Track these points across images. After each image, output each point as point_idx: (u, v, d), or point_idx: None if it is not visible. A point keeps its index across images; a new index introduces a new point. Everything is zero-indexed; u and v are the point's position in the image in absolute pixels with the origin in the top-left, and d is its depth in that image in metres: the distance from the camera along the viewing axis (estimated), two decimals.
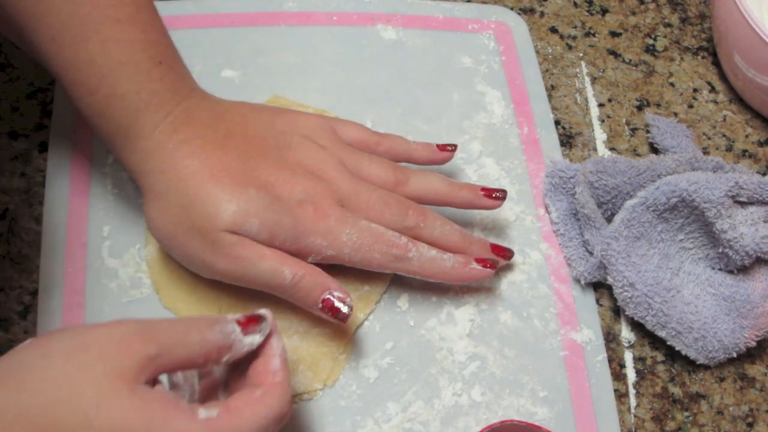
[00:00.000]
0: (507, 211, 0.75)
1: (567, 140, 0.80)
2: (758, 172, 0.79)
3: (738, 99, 0.86)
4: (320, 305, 0.61)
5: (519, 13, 0.87)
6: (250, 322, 0.52)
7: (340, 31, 0.82)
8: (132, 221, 0.68)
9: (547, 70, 0.84)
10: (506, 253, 0.69)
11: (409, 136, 0.76)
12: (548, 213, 0.75)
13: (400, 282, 0.69)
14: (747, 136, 0.84)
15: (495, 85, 0.81)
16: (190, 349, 0.48)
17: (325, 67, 0.79)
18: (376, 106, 0.78)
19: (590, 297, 0.72)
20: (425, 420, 0.65)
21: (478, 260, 0.66)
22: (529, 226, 0.74)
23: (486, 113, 0.80)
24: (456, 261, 0.65)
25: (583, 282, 0.72)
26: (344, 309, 0.60)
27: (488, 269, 0.66)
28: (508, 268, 0.72)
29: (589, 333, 0.70)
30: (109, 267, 0.67)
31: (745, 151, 0.83)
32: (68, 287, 0.65)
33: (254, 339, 0.52)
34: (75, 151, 0.71)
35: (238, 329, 0.51)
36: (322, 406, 0.64)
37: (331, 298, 0.60)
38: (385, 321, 0.68)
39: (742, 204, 0.71)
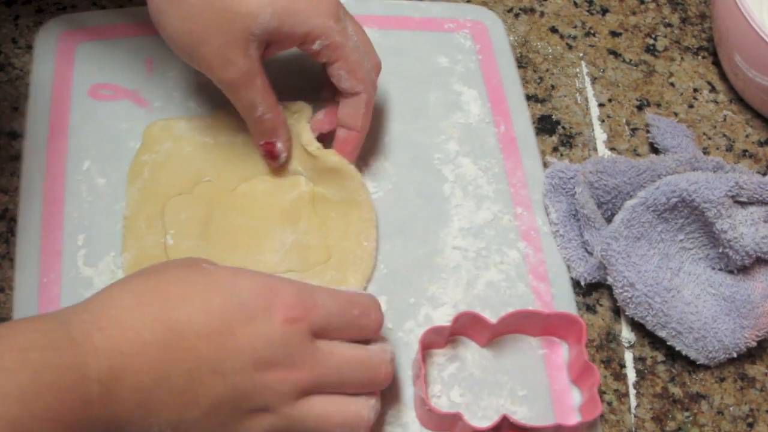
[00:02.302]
0: (484, 210, 0.74)
1: (567, 140, 0.80)
2: (758, 172, 0.78)
3: (738, 99, 0.86)
4: (262, 145, 0.69)
5: (518, 13, 0.88)
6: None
7: None
8: (107, 229, 0.68)
9: (547, 70, 0.84)
10: None
11: (386, 137, 0.77)
12: (547, 214, 0.75)
13: (377, 284, 0.70)
14: (747, 136, 0.84)
15: (471, 84, 0.81)
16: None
17: (300, 70, 0.79)
18: None
19: (569, 295, 0.72)
20: (405, 422, 0.65)
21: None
22: (506, 225, 0.74)
23: (463, 113, 0.80)
24: None
25: (583, 283, 0.72)
26: (281, 159, 0.70)
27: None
28: (486, 268, 0.72)
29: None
30: (84, 276, 0.66)
31: (745, 151, 0.83)
32: (43, 297, 0.65)
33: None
34: (49, 160, 0.71)
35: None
36: None
37: (276, 146, 0.69)
38: None
39: (742, 204, 0.71)
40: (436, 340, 0.67)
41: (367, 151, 0.76)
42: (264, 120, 0.68)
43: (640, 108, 0.83)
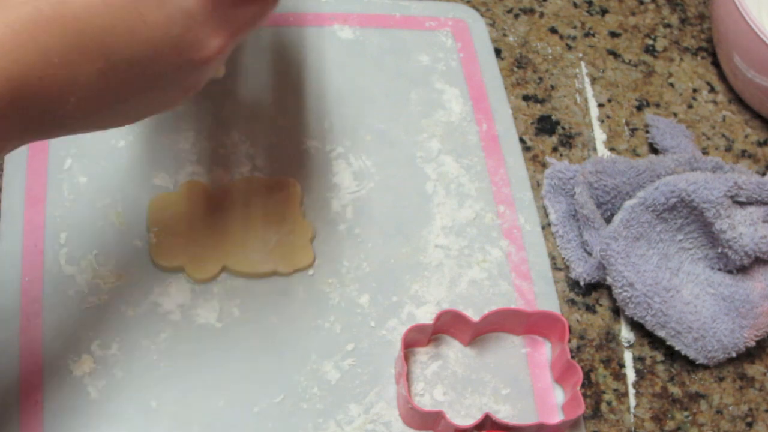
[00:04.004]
0: (467, 208, 0.74)
1: (567, 140, 0.80)
2: (757, 173, 0.79)
3: (737, 99, 0.86)
4: None
5: (518, 14, 0.88)
6: None
7: (296, 31, 0.81)
8: (89, 227, 0.68)
9: (546, 70, 0.84)
10: None
11: (368, 136, 0.77)
12: (547, 214, 0.75)
13: (360, 283, 0.70)
14: (746, 137, 0.84)
15: (453, 82, 0.81)
16: None
17: (281, 69, 0.79)
18: (334, 106, 0.78)
19: (552, 293, 0.72)
20: (388, 421, 0.65)
21: None
22: (488, 224, 0.74)
23: (444, 111, 0.80)
24: None
25: (582, 283, 0.72)
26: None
27: None
28: (469, 266, 0.72)
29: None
30: (66, 274, 0.66)
31: (744, 151, 0.83)
32: (25, 296, 0.65)
33: None
34: (30, 158, 0.71)
35: None
36: (284, 409, 0.64)
37: None
38: (345, 322, 0.68)
39: (741, 204, 0.71)
40: (419, 338, 0.67)
41: (349, 149, 0.76)
42: None
43: (639, 108, 0.84)
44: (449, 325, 0.68)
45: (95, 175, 0.71)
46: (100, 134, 0.72)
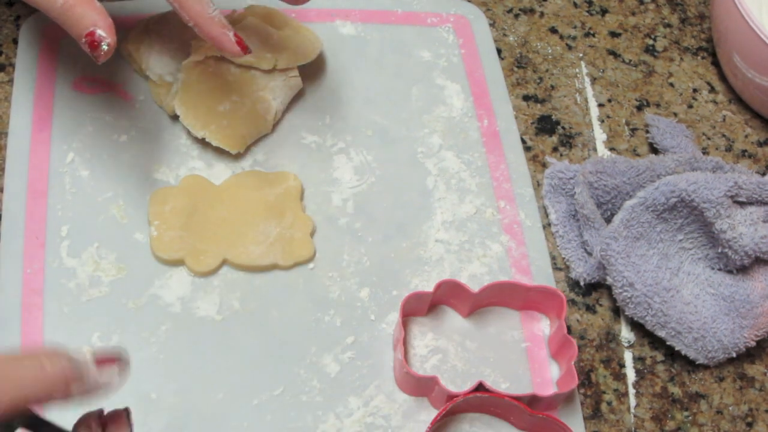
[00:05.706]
0: (467, 204, 0.75)
1: (567, 140, 0.80)
2: (757, 172, 0.79)
3: (737, 99, 0.86)
4: (84, 39, 0.60)
5: (518, 14, 0.88)
6: (105, 362, 0.48)
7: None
8: (90, 220, 0.69)
9: (547, 70, 0.84)
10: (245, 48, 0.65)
11: (368, 131, 0.77)
12: (547, 214, 0.75)
13: (360, 277, 0.70)
14: (746, 136, 0.84)
15: (454, 78, 0.82)
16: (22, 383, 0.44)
17: None
18: (335, 101, 0.78)
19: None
20: (387, 414, 0.65)
21: (238, 39, 0.64)
22: (489, 219, 0.74)
23: (445, 107, 0.80)
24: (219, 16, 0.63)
25: (582, 283, 0.72)
26: (103, 46, 0.60)
27: (239, 50, 0.64)
28: (469, 261, 0.72)
29: (549, 324, 0.70)
30: (67, 267, 0.67)
31: (744, 151, 0.83)
32: (27, 288, 0.65)
33: (111, 378, 0.48)
34: (33, 152, 0.71)
35: (89, 358, 0.47)
36: (283, 401, 0.64)
37: (96, 33, 0.60)
38: (345, 315, 0.68)
39: (742, 204, 0.71)
40: (418, 306, 0.67)
41: (350, 144, 0.76)
42: (70, 11, 0.60)
43: (639, 108, 0.84)
44: (449, 296, 0.68)
45: (97, 169, 0.71)
46: (102, 130, 0.73)
